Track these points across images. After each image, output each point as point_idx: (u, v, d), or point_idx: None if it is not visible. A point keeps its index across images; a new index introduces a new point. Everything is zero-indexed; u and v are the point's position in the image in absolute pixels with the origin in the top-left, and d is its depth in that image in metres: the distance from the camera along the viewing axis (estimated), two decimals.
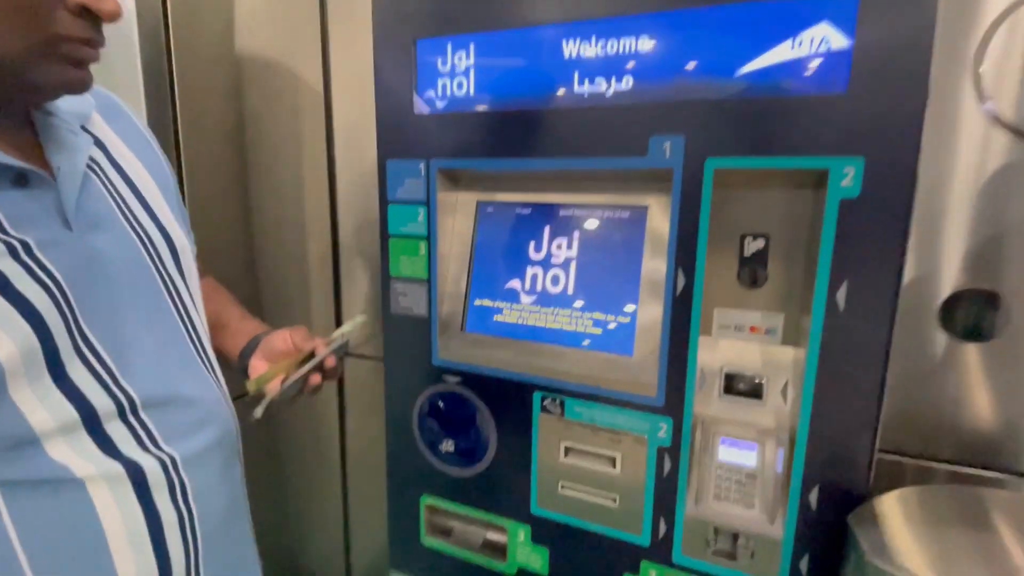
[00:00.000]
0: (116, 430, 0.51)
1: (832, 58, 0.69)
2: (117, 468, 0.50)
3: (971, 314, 0.86)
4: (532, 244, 0.97)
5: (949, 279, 0.89)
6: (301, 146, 1.28)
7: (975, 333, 0.86)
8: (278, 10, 1.22)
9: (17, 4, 0.38)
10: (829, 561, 0.77)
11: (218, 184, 1.36)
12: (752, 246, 0.85)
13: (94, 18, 0.43)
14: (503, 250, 0.99)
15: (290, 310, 1.40)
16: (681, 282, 0.81)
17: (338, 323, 1.35)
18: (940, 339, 0.90)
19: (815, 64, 0.70)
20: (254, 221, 1.38)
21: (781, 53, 0.72)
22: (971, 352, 0.89)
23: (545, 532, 0.98)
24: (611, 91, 0.81)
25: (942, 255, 0.89)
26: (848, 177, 0.70)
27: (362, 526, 1.46)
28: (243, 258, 1.40)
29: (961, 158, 0.85)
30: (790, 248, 0.82)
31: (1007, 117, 0.80)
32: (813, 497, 0.79)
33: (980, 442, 0.91)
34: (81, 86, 0.45)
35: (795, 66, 0.71)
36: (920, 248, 0.89)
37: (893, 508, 0.73)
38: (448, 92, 0.92)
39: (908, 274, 0.90)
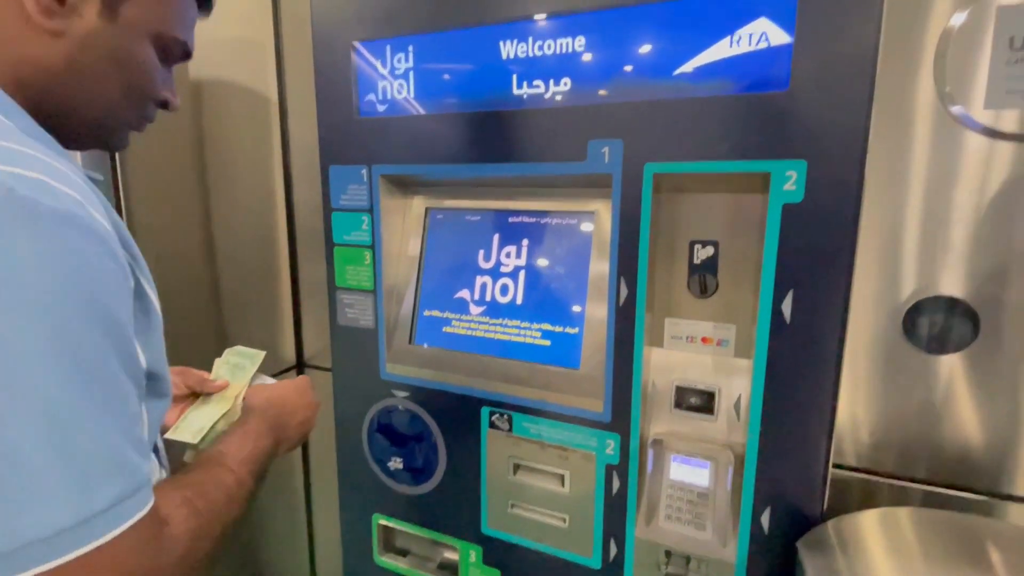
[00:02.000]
0: None
1: (772, 55, 0.66)
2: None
3: (936, 323, 0.82)
4: (481, 253, 0.94)
5: (925, 286, 0.84)
6: (258, 159, 1.26)
7: (941, 343, 0.82)
8: (232, 31, 1.20)
9: (149, 91, 0.52)
10: None
11: (178, 201, 1.33)
12: (701, 253, 0.81)
13: (162, 106, 0.55)
14: (452, 259, 0.96)
15: (251, 323, 1.37)
16: (624, 292, 0.77)
17: (298, 336, 1.32)
18: (913, 351, 0.86)
19: (754, 62, 0.67)
20: (215, 235, 1.35)
21: (719, 51, 0.68)
22: (945, 364, 0.85)
23: (497, 553, 0.94)
24: (549, 94, 0.78)
25: (919, 262, 0.84)
26: (791, 180, 0.66)
27: (327, 539, 1.42)
28: (205, 273, 1.37)
29: (925, 158, 0.81)
30: (740, 256, 0.78)
31: (980, 119, 0.76)
32: (765, 519, 0.74)
33: (958, 461, 0.86)
34: (123, 148, 0.56)
35: (733, 64, 0.68)
36: (892, 255, 0.84)
37: (847, 532, 0.69)
38: (388, 95, 0.89)
39: (877, 282, 0.85)
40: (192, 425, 0.67)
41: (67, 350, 0.34)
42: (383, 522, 1.04)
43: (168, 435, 0.66)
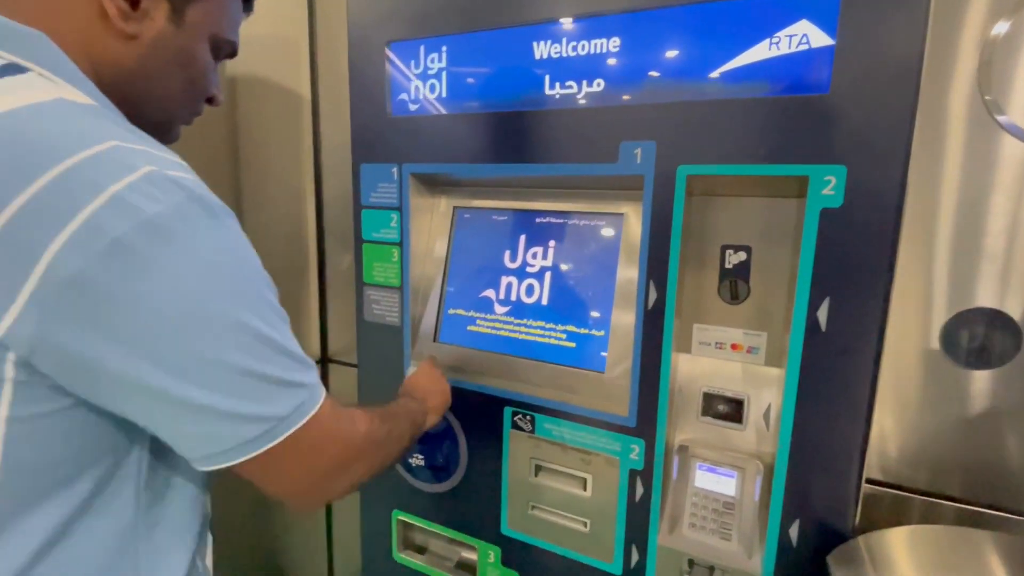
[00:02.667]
0: None
1: (812, 57, 0.64)
2: None
3: (976, 337, 0.79)
4: (507, 253, 0.94)
5: (960, 298, 0.81)
6: (290, 156, 1.28)
7: (981, 358, 0.79)
8: (267, 28, 1.22)
9: (205, 88, 0.57)
10: None
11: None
12: (733, 258, 0.80)
13: (208, 102, 0.61)
14: (478, 258, 0.96)
15: None
16: (653, 296, 0.76)
17: (323, 331, 1.34)
18: (947, 365, 0.83)
19: (794, 64, 0.65)
20: (246, 228, 1.38)
21: (757, 53, 0.67)
22: (984, 380, 0.82)
23: (515, 555, 0.94)
24: (582, 94, 0.77)
25: (952, 272, 0.81)
26: (829, 185, 0.65)
27: (346, 535, 1.43)
28: None
29: (966, 166, 0.78)
30: (774, 262, 0.77)
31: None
32: (794, 531, 0.73)
33: (993, 479, 0.83)
34: (175, 141, 0.59)
35: (772, 66, 0.66)
36: (928, 263, 0.82)
37: (878, 548, 0.67)
38: (421, 95, 0.89)
39: (914, 292, 0.83)
40: None
41: (258, 301, 0.45)
42: (402, 518, 1.04)
43: None
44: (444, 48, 0.86)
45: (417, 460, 1.00)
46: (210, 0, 0.52)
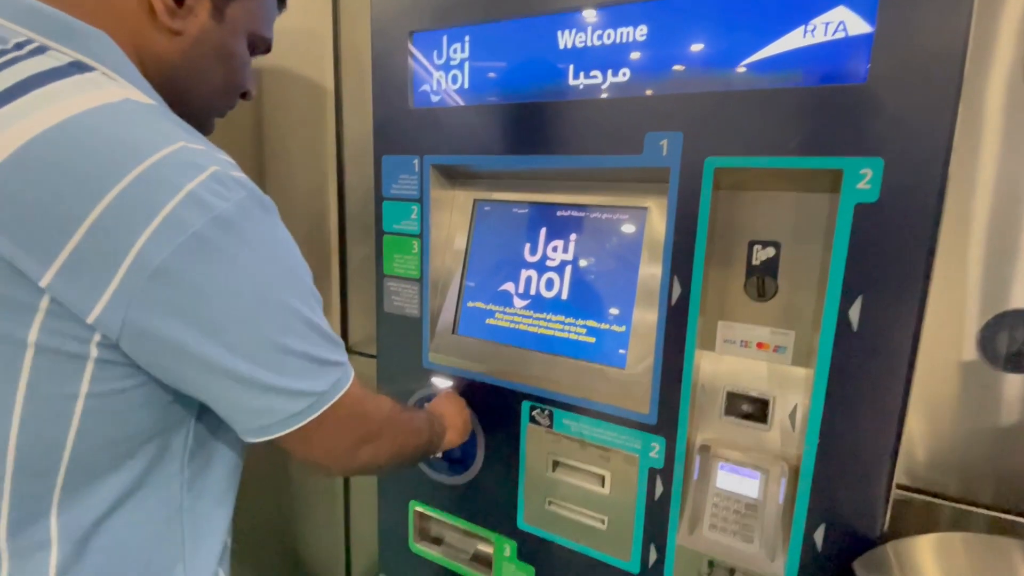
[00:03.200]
0: None
1: (849, 46, 0.62)
2: None
3: (1016, 340, 0.75)
4: (527, 246, 0.93)
5: (997, 299, 0.78)
6: (313, 147, 1.29)
7: (1020, 362, 0.75)
8: (291, 22, 1.23)
9: (241, 83, 0.59)
10: None
11: None
12: (761, 254, 0.78)
13: (242, 96, 0.63)
14: (498, 251, 0.95)
15: None
16: (677, 291, 0.75)
17: (343, 316, 1.35)
18: (983, 368, 0.80)
19: (830, 53, 0.63)
20: None
21: (791, 41, 0.65)
22: (1019, 384, 0.78)
23: (531, 549, 0.93)
24: (607, 84, 0.76)
25: (988, 271, 0.78)
26: (865, 179, 0.62)
27: (363, 527, 1.45)
28: None
29: (1007, 159, 0.75)
30: (804, 258, 0.74)
31: None
32: (819, 536, 0.71)
33: None
34: (210, 134, 0.60)
35: (806, 55, 0.64)
36: (962, 262, 0.79)
37: (907, 556, 0.65)
38: (443, 86, 0.89)
39: (947, 292, 0.80)
40: None
41: (303, 288, 0.49)
42: (419, 509, 1.05)
43: None
44: (467, 38, 0.85)
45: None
46: None
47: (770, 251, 0.77)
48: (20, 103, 0.38)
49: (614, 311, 0.84)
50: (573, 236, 0.89)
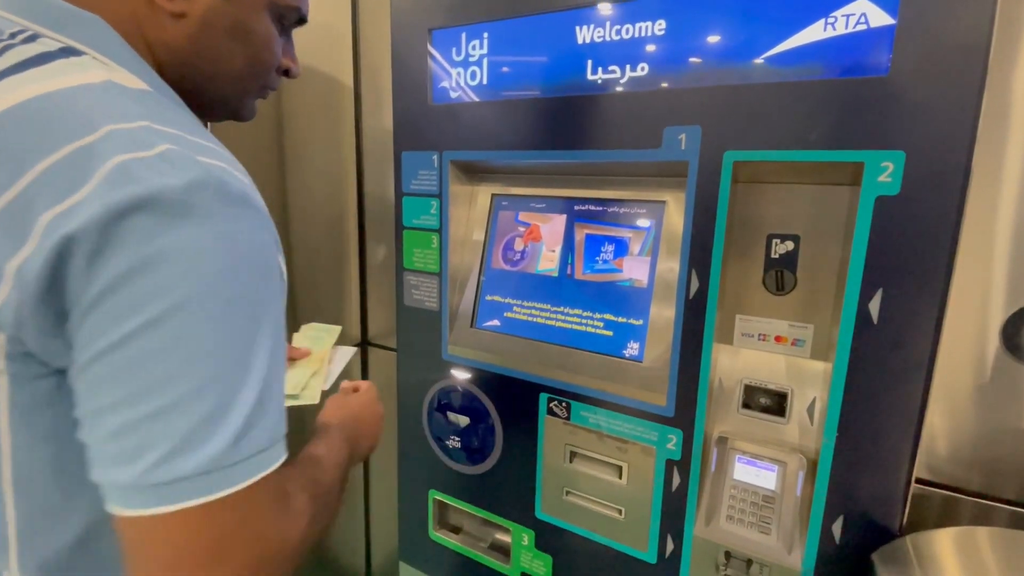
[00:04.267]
0: None
1: (871, 38, 0.61)
2: None
3: None
4: (545, 241, 0.94)
5: (1021, 293, 0.77)
6: (332, 143, 1.31)
7: None
8: (311, 17, 1.24)
9: (270, 61, 0.53)
10: None
11: (257, 182, 1.41)
12: (780, 248, 0.78)
13: (284, 74, 0.57)
14: (516, 245, 0.97)
15: (320, 301, 1.43)
16: (695, 285, 0.75)
17: (363, 310, 1.37)
18: (1007, 362, 0.79)
19: (851, 45, 0.63)
20: (290, 215, 1.43)
21: (812, 34, 0.64)
22: None
23: (549, 539, 0.95)
24: (625, 79, 0.76)
25: (1013, 265, 0.77)
26: (886, 172, 0.62)
27: (382, 515, 1.48)
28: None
29: None
30: (823, 251, 0.74)
31: None
32: (837, 528, 0.71)
33: None
34: (251, 119, 0.58)
35: (827, 48, 0.64)
36: (987, 255, 0.78)
37: (926, 549, 0.65)
38: (462, 82, 0.90)
39: (969, 285, 0.79)
40: (289, 381, 0.73)
41: (245, 310, 0.38)
42: (439, 498, 1.07)
43: None
44: (485, 35, 0.86)
45: (454, 442, 1.02)
46: None
47: (789, 245, 0.77)
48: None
49: (631, 304, 0.85)
50: (590, 230, 0.90)
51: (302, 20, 0.56)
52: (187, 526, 0.35)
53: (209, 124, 1.27)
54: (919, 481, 0.81)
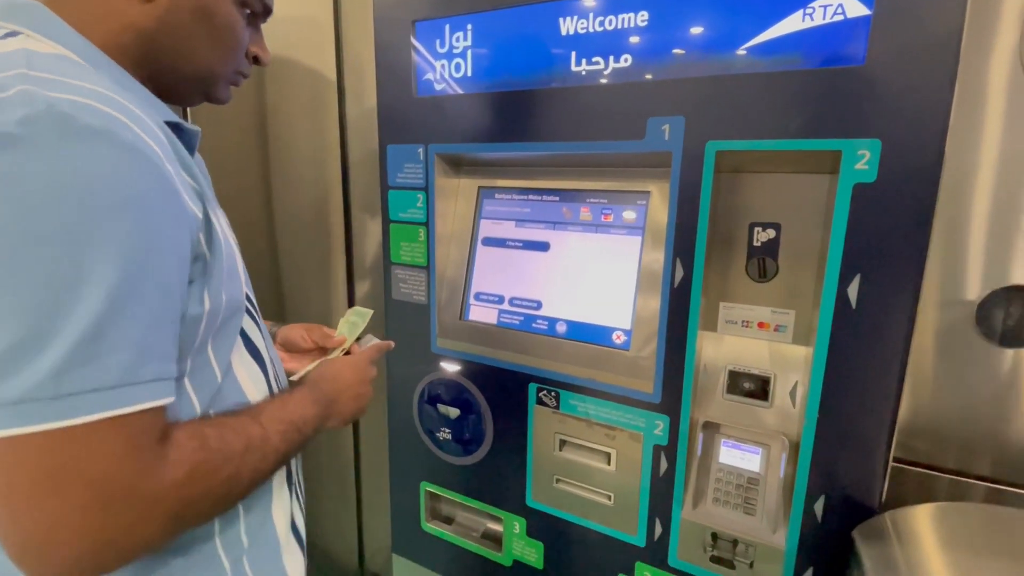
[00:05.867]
0: None
1: (848, 28, 0.63)
2: None
3: (1012, 315, 0.77)
4: (532, 232, 0.94)
5: (995, 275, 0.80)
6: (316, 136, 1.30)
7: (1017, 337, 0.77)
8: (294, 11, 1.23)
9: (235, 45, 0.56)
10: None
11: (242, 176, 1.40)
12: (762, 236, 0.79)
13: (254, 62, 0.61)
14: (503, 237, 0.97)
15: (307, 294, 1.43)
16: (679, 274, 0.77)
17: (350, 304, 1.37)
18: (981, 343, 0.82)
19: (828, 36, 0.64)
20: (275, 210, 1.41)
21: (790, 24, 0.66)
22: (1016, 358, 0.80)
23: (540, 526, 0.96)
24: (609, 70, 0.77)
25: (988, 249, 0.80)
26: (863, 160, 0.64)
27: (374, 507, 1.49)
28: (266, 246, 1.44)
29: (1008, 138, 0.76)
30: (804, 239, 0.76)
31: None
32: (819, 507, 0.73)
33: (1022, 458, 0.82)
34: (226, 102, 0.61)
35: (805, 38, 0.65)
36: (961, 241, 0.80)
37: (905, 524, 0.67)
38: (446, 74, 0.90)
39: (944, 269, 0.81)
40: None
41: (64, 243, 0.36)
42: (430, 489, 1.08)
43: (293, 379, 0.72)
44: (469, 26, 0.86)
45: (444, 434, 1.03)
46: None
47: (771, 232, 0.79)
48: None
49: (617, 294, 0.86)
50: (577, 221, 0.91)
51: (267, 10, 0.59)
52: (13, 453, 0.35)
53: (189, 110, 1.25)
54: (897, 460, 0.84)
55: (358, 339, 0.83)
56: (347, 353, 0.81)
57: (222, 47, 0.55)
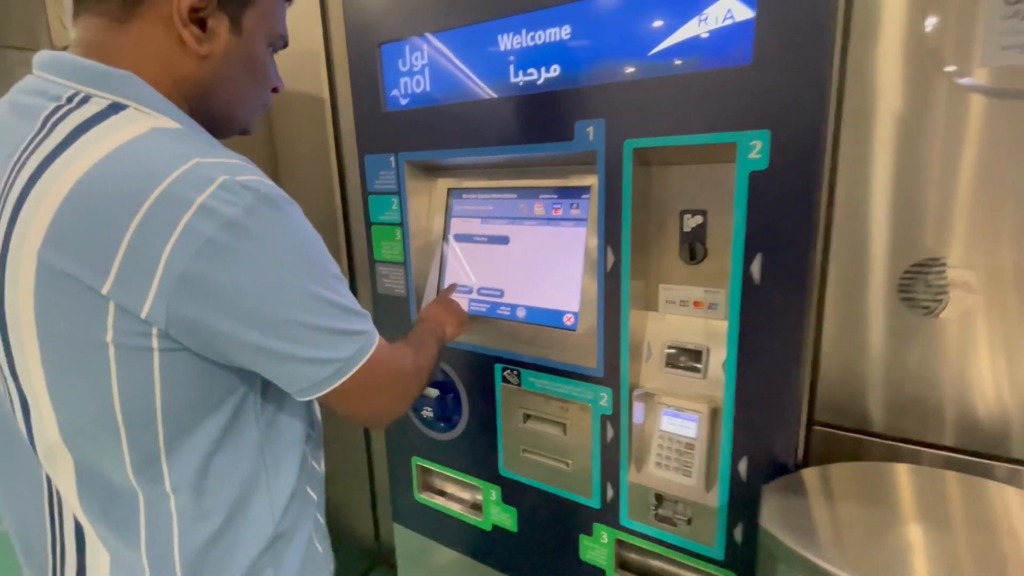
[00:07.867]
0: None
1: (736, 31, 0.70)
2: None
3: (931, 286, 0.81)
4: (494, 227, 1.04)
5: (917, 249, 0.83)
6: (317, 151, 1.44)
7: (936, 305, 0.81)
8: (289, 46, 1.37)
9: (266, 82, 0.63)
10: None
11: None
12: (691, 222, 0.86)
13: (272, 91, 0.68)
14: (469, 233, 1.07)
15: None
16: (611, 259, 0.85)
17: None
18: (909, 312, 0.85)
19: (721, 38, 0.71)
20: None
21: (690, 30, 0.73)
22: (943, 326, 0.83)
23: (513, 493, 1.06)
24: (542, 79, 0.86)
25: (900, 223, 0.83)
26: (755, 150, 0.70)
27: (383, 479, 1.63)
28: None
29: (904, 120, 0.80)
30: (726, 223, 0.82)
31: (978, 78, 0.73)
32: (742, 467, 0.80)
33: (952, 422, 0.84)
34: (252, 133, 0.68)
35: (703, 41, 0.72)
36: (878, 216, 0.84)
37: (813, 480, 0.74)
38: (409, 90, 1.01)
39: (860, 243, 0.85)
40: None
41: (321, 273, 0.55)
42: (420, 463, 1.20)
43: None
44: (425, 47, 0.97)
45: (428, 412, 1.14)
46: (259, 4, 0.58)
47: (698, 219, 0.86)
48: (72, 149, 0.48)
49: (566, 280, 0.95)
50: (532, 216, 1.00)
51: (286, 44, 0.67)
52: (364, 374, 0.57)
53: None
54: (827, 425, 0.89)
55: None
56: None
57: (260, 88, 0.62)
